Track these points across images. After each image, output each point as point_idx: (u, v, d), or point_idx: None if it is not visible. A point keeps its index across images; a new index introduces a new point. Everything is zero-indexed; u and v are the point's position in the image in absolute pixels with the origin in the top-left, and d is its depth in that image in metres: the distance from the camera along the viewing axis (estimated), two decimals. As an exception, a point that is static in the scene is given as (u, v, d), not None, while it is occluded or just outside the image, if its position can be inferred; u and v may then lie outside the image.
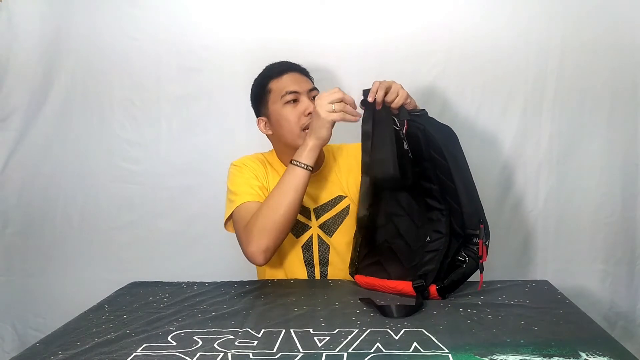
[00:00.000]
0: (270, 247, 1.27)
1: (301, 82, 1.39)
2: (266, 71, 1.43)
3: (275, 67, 1.42)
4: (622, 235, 1.75)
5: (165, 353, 0.96)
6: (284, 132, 1.39)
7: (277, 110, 1.38)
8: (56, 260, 1.84)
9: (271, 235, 1.26)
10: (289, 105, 1.37)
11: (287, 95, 1.36)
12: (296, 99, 1.37)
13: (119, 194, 1.79)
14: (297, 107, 1.36)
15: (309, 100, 1.36)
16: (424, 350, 0.94)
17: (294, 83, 1.37)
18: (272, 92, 1.39)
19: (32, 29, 1.73)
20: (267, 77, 1.41)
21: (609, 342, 0.96)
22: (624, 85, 1.69)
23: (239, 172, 1.41)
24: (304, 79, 1.40)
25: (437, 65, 1.69)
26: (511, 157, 1.73)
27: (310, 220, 1.42)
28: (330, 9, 1.68)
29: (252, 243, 1.26)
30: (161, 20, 1.71)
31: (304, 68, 1.43)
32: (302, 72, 1.42)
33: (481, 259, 1.19)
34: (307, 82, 1.40)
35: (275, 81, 1.39)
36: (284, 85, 1.37)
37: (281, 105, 1.37)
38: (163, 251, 1.79)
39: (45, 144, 1.79)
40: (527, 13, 1.66)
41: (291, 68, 1.41)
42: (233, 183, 1.39)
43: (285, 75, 1.38)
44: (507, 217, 1.75)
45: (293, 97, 1.36)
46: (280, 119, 1.38)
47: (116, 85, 1.75)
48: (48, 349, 1.00)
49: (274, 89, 1.39)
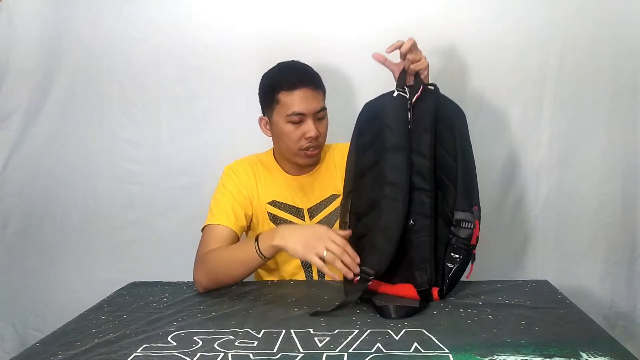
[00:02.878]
0: (209, 288, 1.29)
1: (310, 102, 1.34)
2: (279, 75, 1.39)
3: (288, 76, 1.37)
4: (622, 235, 1.75)
5: (166, 353, 0.96)
6: (282, 145, 1.40)
7: (280, 124, 1.37)
8: (56, 260, 1.84)
9: (213, 282, 1.29)
10: (292, 124, 1.35)
11: (293, 116, 1.34)
12: (301, 121, 1.35)
13: (119, 194, 1.79)
14: (300, 128, 1.35)
15: (313, 123, 1.35)
16: (425, 350, 0.94)
17: (302, 102, 1.33)
18: (280, 105, 1.36)
19: (32, 29, 1.73)
20: (279, 86, 1.35)
21: (610, 342, 0.96)
22: (624, 85, 1.69)
23: (222, 187, 1.42)
24: (314, 96, 1.35)
25: (437, 65, 1.68)
26: (511, 157, 1.73)
27: (303, 220, 1.42)
28: (330, 8, 1.68)
29: (198, 274, 1.30)
30: (161, 20, 1.70)
31: (317, 79, 1.39)
32: (314, 87, 1.36)
33: (473, 249, 1.19)
34: (317, 101, 1.36)
35: (285, 94, 1.34)
36: (292, 103, 1.34)
37: (285, 121, 1.36)
38: (163, 251, 1.78)
39: (45, 144, 1.79)
40: (527, 13, 1.65)
41: (304, 82, 1.35)
42: (215, 198, 1.42)
43: (297, 91, 1.33)
44: (507, 217, 1.75)
45: (298, 119, 1.35)
46: (281, 133, 1.38)
47: (116, 85, 1.75)
48: (48, 349, 1.00)
49: (282, 102, 1.35)
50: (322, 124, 1.38)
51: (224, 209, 1.38)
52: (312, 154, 1.38)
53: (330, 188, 1.45)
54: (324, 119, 1.39)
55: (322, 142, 1.40)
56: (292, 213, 1.43)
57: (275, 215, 1.42)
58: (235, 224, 1.37)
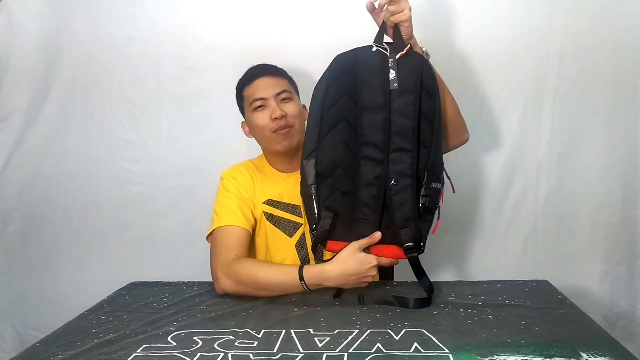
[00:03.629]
0: (231, 294, 1.27)
1: (270, 87, 1.39)
2: (242, 77, 1.45)
3: (248, 72, 1.44)
4: (622, 235, 1.75)
5: (165, 353, 0.96)
6: (258, 137, 1.44)
7: (250, 117, 1.42)
8: (56, 260, 1.83)
9: (241, 293, 1.26)
10: (257, 111, 1.39)
11: (255, 102, 1.39)
12: (263, 105, 1.38)
13: (119, 194, 1.79)
14: (264, 112, 1.38)
15: (276, 104, 1.38)
16: (425, 350, 0.94)
17: (261, 89, 1.39)
18: (245, 99, 1.43)
19: (32, 29, 1.73)
20: (242, 84, 1.44)
21: (610, 343, 0.96)
22: (624, 85, 1.69)
23: (225, 191, 1.42)
24: (274, 82, 1.40)
25: (437, 65, 1.68)
26: (511, 157, 1.73)
27: (301, 217, 1.42)
28: (330, 9, 1.68)
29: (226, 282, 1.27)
30: (161, 20, 1.70)
31: (277, 69, 1.45)
32: (273, 74, 1.42)
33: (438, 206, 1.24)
34: (277, 86, 1.40)
35: (247, 88, 1.42)
36: (252, 92, 1.40)
37: (251, 112, 1.40)
38: (163, 251, 1.78)
39: (45, 144, 1.79)
40: (527, 13, 1.65)
41: (261, 72, 1.42)
42: (218, 202, 1.42)
43: (255, 82, 1.41)
44: (507, 217, 1.75)
45: (260, 103, 1.39)
46: (253, 125, 1.42)
47: (116, 85, 1.75)
48: (47, 350, 1.00)
49: (246, 96, 1.42)
50: (287, 105, 1.39)
51: (231, 209, 1.38)
52: (284, 134, 1.38)
53: None
54: (290, 101, 1.40)
55: (294, 122, 1.39)
56: (288, 211, 1.43)
57: (272, 214, 1.42)
58: (245, 222, 1.36)
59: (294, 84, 1.47)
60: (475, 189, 1.74)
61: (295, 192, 1.39)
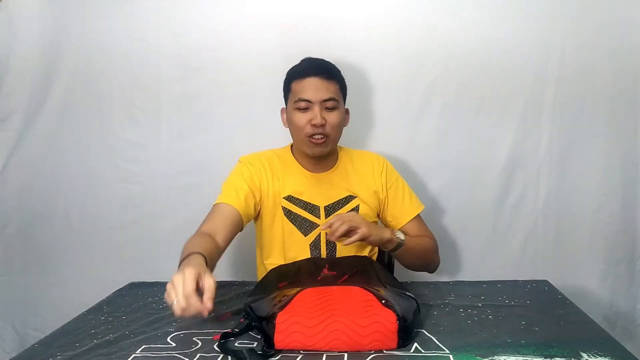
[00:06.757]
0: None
1: (319, 91, 1.36)
2: (296, 66, 1.43)
3: (302, 66, 1.42)
4: (622, 235, 1.75)
5: (165, 354, 0.96)
6: (292, 133, 1.43)
7: (290, 112, 1.41)
8: (56, 260, 1.83)
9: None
10: (300, 111, 1.38)
11: (300, 102, 1.37)
12: (307, 107, 1.37)
13: (119, 194, 1.79)
14: (306, 115, 1.37)
15: (320, 112, 1.36)
16: (425, 350, 0.94)
17: (310, 91, 1.36)
18: (291, 93, 1.40)
19: (32, 29, 1.73)
20: (292, 75, 1.41)
21: (610, 343, 0.96)
22: (624, 85, 1.69)
23: (237, 171, 1.43)
24: (324, 87, 1.37)
25: (437, 66, 1.68)
26: (511, 158, 1.72)
27: (319, 218, 1.42)
28: (330, 9, 1.68)
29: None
30: (161, 20, 1.70)
31: (331, 70, 1.41)
32: (326, 77, 1.38)
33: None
34: (326, 91, 1.37)
35: (296, 82, 1.39)
36: (300, 90, 1.37)
37: (294, 108, 1.39)
38: (163, 251, 1.77)
39: (45, 144, 1.79)
40: (527, 13, 1.65)
41: (315, 71, 1.38)
42: (227, 182, 1.42)
43: (306, 79, 1.37)
44: (507, 217, 1.75)
45: (305, 105, 1.37)
46: (290, 120, 1.41)
47: (116, 85, 1.75)
48: (47, 351, 1.00)
49: (293, 90, 1.39)
50: (330, 114, 1.38)
51: (235, 189, 1.38)
52: (317, 142, 1.37)
53: (344, 191, 1.45)
54: (335, 110, 1.38)
55: (331, 133, 1.38)
56: (307, 210, 1.42)
57: (290, 210, 1.42)
58: (239, 205, 1.35)
59: (344, 88, 1.44)
60: (475, 189, 1.74)
61: (316, 191, 1.39)
